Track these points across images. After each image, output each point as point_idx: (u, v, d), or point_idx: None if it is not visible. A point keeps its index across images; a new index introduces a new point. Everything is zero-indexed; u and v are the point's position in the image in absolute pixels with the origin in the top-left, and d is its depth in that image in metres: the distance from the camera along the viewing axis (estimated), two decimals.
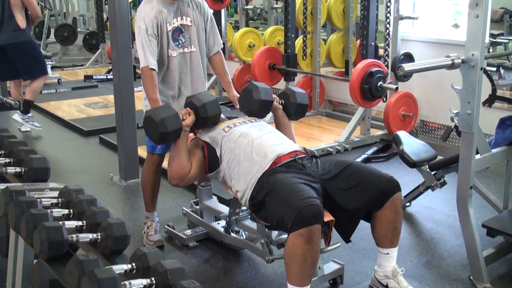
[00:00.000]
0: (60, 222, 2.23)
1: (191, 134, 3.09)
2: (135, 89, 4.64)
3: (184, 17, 3.21)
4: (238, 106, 3.32)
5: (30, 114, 6.01)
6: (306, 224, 2.29)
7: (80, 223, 2.33)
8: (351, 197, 2.58)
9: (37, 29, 11.43)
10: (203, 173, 2.95)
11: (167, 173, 2.92)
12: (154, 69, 3.10)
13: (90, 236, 2.22)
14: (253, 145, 2.77)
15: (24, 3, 5.65)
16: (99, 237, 2.21)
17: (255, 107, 3.07)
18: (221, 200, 3.57)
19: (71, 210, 2.46)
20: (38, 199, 2.46)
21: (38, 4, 11.33)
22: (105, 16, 9.93)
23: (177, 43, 3.19)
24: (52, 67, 8.76)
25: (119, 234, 2.19)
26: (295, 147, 2.82)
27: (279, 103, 3.17)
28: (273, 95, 3.14)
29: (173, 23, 3.17)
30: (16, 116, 5.98)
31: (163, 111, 2.85)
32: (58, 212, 2.43)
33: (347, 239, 2.68)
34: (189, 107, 2.93)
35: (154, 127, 2.79)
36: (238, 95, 3.32)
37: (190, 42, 3.23)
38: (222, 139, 2.87)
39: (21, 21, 5.63)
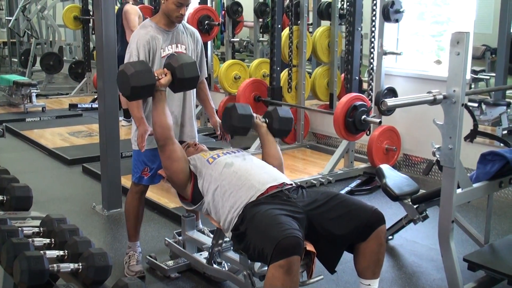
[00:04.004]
0: (41, 252, 2.21)
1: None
2: (120, 118, 4.64)
3: (179, 45, 3.26)
4: (219, 132, 3.43)
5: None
6: (286, 255, 2.29)
7: (61, 252, 2.31)
8: (336, 225, 2.59)
9: (22, 57, 11.42)
10: (186, 168, 2.94)
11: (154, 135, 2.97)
12: None
13: (72, 266, 2.20)
14: (239, 175, 2.78)
15: (127, 19, 6.59)
16: (81, 267, 2.19)
17: (235, 122, 3.11)
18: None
19: (53, 240, 2.44)
20: (20, 228, 2.44)
21: (25, 33, 11.41)
22: (91, 46, 9.97)
23: None
24: (37, 95, 8.72)
25: (101, 265, 2.17)
26: (282, 178, 2.83)
27: (263, 121, 3.21)
28: (255, 114, 3.20)
29: (167, 50, 3.21)
30: (124, 122, 7.09)
31: (136, 65, 2.81)
32: (39, 241, 2.41)
33: (332, 270, 2.68)
34: (166, 67, 2.92)
35: (126, 80, 2.74)
36: (220, 121, 3.40)
37: None
38: (206, 171, 2.88)
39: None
